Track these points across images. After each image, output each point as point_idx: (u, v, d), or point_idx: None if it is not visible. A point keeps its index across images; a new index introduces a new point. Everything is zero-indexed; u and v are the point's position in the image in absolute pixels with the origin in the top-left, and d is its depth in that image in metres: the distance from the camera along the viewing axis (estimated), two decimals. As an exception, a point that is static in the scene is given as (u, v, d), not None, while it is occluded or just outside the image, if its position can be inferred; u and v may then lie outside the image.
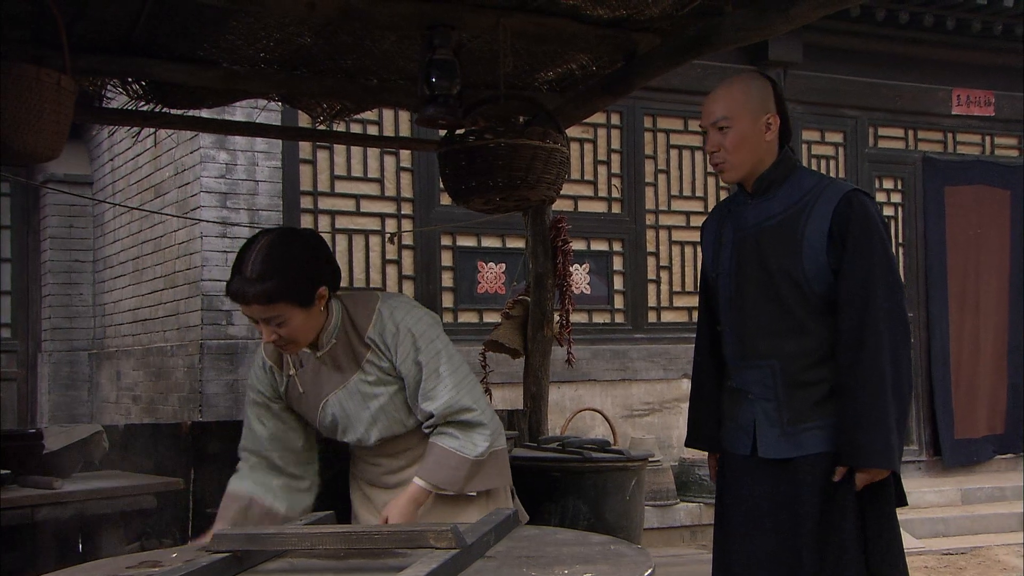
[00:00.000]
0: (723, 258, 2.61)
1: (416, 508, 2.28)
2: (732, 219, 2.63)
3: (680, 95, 7.21)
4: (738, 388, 2.59)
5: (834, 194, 2.46)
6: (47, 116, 2.79)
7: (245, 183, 6.00)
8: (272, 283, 2.19)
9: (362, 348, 2.36)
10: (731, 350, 2.60)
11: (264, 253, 2.22)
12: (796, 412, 2.47)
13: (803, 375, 2.47)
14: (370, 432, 2.42)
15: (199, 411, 5.78)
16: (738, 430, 2.58)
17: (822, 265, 2.43)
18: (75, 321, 8.26)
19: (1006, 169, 8.27)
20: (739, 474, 2.59)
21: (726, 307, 2.60)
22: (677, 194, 7.37)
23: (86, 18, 3.36)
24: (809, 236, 2.44)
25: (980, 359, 8.06)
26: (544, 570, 1.25)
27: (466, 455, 2.28)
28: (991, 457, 8.04)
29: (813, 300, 2.46)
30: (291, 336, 2.28)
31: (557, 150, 3.53)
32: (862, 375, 2.38)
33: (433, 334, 2.37)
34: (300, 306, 2.26)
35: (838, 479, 2.41)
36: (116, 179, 7.76)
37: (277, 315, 2.24)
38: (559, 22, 3.46)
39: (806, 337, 2.47)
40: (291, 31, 3.55)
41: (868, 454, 2.36)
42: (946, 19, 7.53)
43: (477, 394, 2.35)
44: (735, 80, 2.58)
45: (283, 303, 2.23)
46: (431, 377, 2.32)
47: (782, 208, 2.52)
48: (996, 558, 6.13)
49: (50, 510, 2.84)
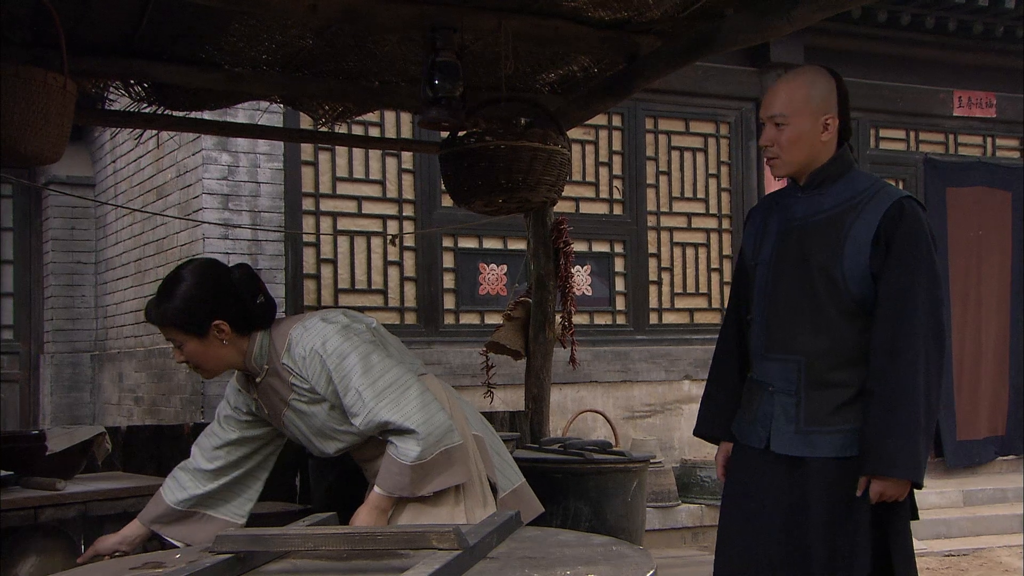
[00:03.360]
0: (765, 247, 2.59)
1: (380, 513, 2.30)
2: (780, 211, 2.60)
3: (682, 97, 7.22)
4: (759, 380, 2.56)
5: (886, 198, 2.45)
6: (52, 119, 2.80)
7: (247, 185, 6.01)
8: (162, 308, 2.39)
9: (285, 373, 2.44)
10: (757, 340, 2.57)
11: (168, 279, 2.43)
12: (814, 412, 2.45)
13: (828, 375, 2.45)
14: (326, 446, 2.50)
15: (201, 412, 5.79)
16: (754, 422, 2.56)
17: (863, 267, 2.42)
18: (77, 323, 8.27)
19: (1007, 171, 8.26)
20: (751, 467, 2.57)
21: (759, 297, 2.58)
22: (678, 196, 7.37)
23: (87, 20, 3.36)
24: (855, 236, 2.43)
25: (982, 360, 8.06)
26: (546, 571, 1.25)
27: (403, 462, 2.28)
28: (993, 459, 8.04)
29: (847, 301, 2.44)
30: (192, 361, 2.44)
31: (557, 151, 3.54)
32: (895, 384, 2.35)
33: (344, 349, 2.36)
34: (192, 335, 2.40)
35: (860, 493, 2.38)
36: (118, 181, 7.77)
37: (172, 338, 2.42)
38: (561, 24, 3.47)
39: (835, 337, 2.45)
40: (293, 33, 3.55)
41: (895, 464, 2.33)
42: (948, 21, 7.53)
43: (400, 401, 2.31)
44: (799, 75, 2.55)
45: (173, 329, 2.40)
46: (348, 394, 2.34)
47: (831, 205, 2.50)
48: (998, 560, 6.13)
49: (53, 511, 2.84)
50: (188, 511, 2.60)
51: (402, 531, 1.34)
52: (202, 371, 2.48)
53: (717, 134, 7.49)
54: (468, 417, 2.61)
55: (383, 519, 2.30)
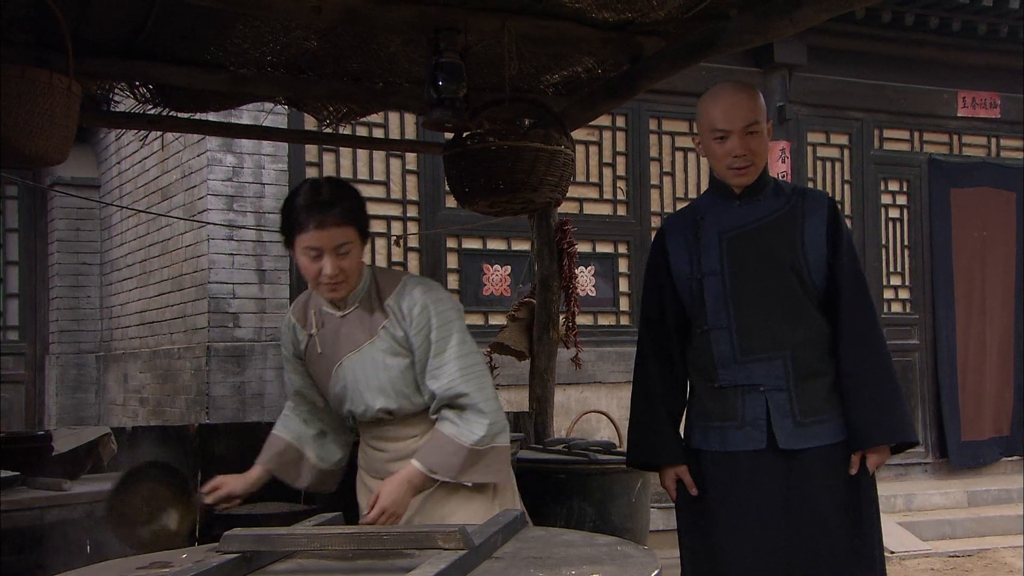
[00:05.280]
0: (708, 259, 2.61)
1: (410, 490, 2.27)
2: (711, 222, 2.64)
3: (685, 97, 7.20)
4: (739, 385, 2.56)
5: (819, 198, 2.66)
6: (58, 120, 2.81)
7: (252, 186, 6.03)
8: (348, 204, 2.34)
9: (380, 314, 2.40)
10: (725, 347, 2.57)
11: (331, 184, 2.39)
12: (808, 403, 2.52)
13: (815, 364, 2.54)
14: (375, 401, 2.40)
15: (206, 413, 5.80)
16: (744, 426, 2.55)
17: (822, 262, 2.57)
18: (82, 324, 8.29)
19: (1012, 171, 8.25)
20: (746, 471, 2.55)
21: (721, 305, 2.59)
22: (682, 196, 7.37)
23: (91, 21, 3.37)
24: (810, 236, 2.57)
25: (986, 361, 8.05)
26: (551, 571, 1.25)
27: (462, 442, 2.28)
28: (997, 459, 8.03)
29: (813, 292, 2.58)
30: (350, 270, 2.35)
31: (560, 152, 3.53)
32: (877, 359, 2.55)
33: (451, 317, 2.39)
34: (361, 237, 2.38)
35: (856, 470, 2.53)
36: (123, 182, 7.79)
37: (346, 241, 2.32)
38: (564, 25, 3.47)
39: (813, 328, 2.56)
40: (297, 35, 3.56)
41: (903, 428, 2.55)
42: (951, 21, 7.52)
43: (483, 384, 2.35)
44: (748, 86, 2.64)
45: (353, 227, 2.34)
46: (439, 355, 2.34)
47: (773, 209, 2.62)
48: (1002, 560, 6.12)
49: (59, 512, 2.85)
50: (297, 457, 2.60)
51: (408, 531, 1.35)
52: (346, 286, 2.39)
53: (721, 135, 7.48)
54: None
55: (410, 496, 2.27)
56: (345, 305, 2.43)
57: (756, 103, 2.58)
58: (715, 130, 2.58)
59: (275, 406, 5.89)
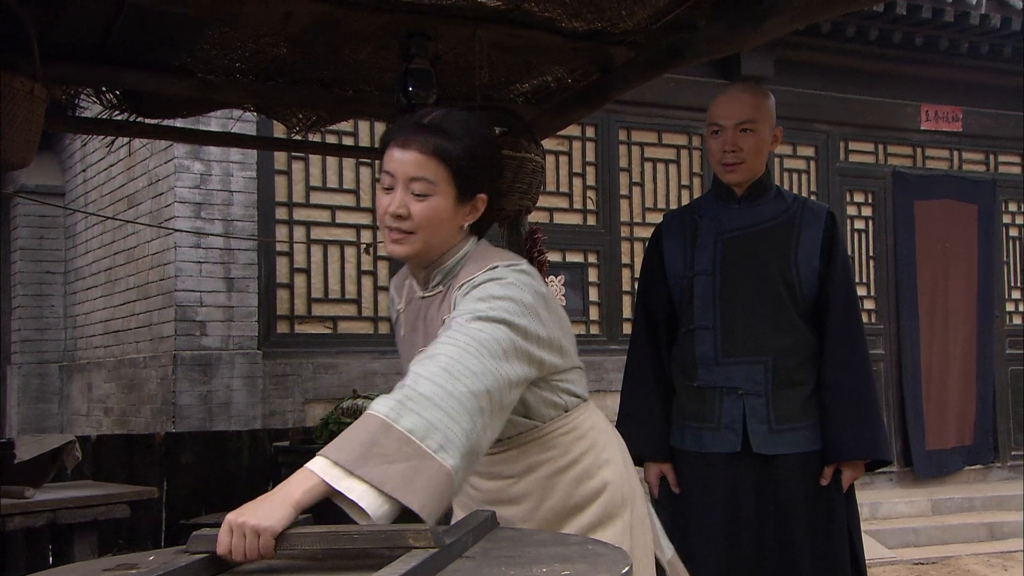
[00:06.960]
0: (701, 258, 2.64)
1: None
2: (708, 222, 2.66)
3: (654, 108, 7.28)
4: (718, 386, 2.59)
5: (819, 210, 2.66)
6: (19, 124, 2.77)
7: (220, 193, 5.98)
8: (444, 137, 1.78)
9: (449, 304, 1.81)
10: (709, 347, 2.60)
11: (451, 112, 1.87)
12: (783, 411, 2.54)
13: (794, 373, 2.57)
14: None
15: (172, 422, 5.74)
16: (720, 428, 2.58)
17: (814, 273, 2.58)
18: (45, 333, 8.17)
19: (973, 184, 8.40)
20: (719, 473, 2.58)
21: (708, 304, 2.61)
22: (651, 207, 7.42)
23: (58, 25, 3.34)
24: (804, 243, 2.59)
25: (949, 371, 8.16)
26: (523, 569, 1.26)
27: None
28: (961, 468, 8.13)
29: (802, 302, 2.59)
30: (420, 220, 1.78)
31: (529, 159, 3.54)
32: (861, 375, 2.56)
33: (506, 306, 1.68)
34: (454, 186, 1.79)
35: (828, 481, 2.55)
36: (88, 190, 7.71)
37: (426, 178, 1.77)
38: (535, 34, 3.49)
39: (796, 337, 2.58)
40: (267, 41, 3.55)
41: (879, 446, 2.56)
42: (915, 36, 7.65)
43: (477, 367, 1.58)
44: (757, 88, 2.69)
45: (443, 167, 1.77)
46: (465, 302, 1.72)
47: (772, 215, 2.64)
48: (966, 568, 6.20)
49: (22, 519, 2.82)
50: None
51: (378, 529, 1.35)
52: (409, 244, 1.80)
53: (690, 146, 7.55)
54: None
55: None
56: (428, 282, 1.88)
57: (757, 103, 2.59)
58: (712, 124, 2.64)
59: (242, 415, 5.85)
